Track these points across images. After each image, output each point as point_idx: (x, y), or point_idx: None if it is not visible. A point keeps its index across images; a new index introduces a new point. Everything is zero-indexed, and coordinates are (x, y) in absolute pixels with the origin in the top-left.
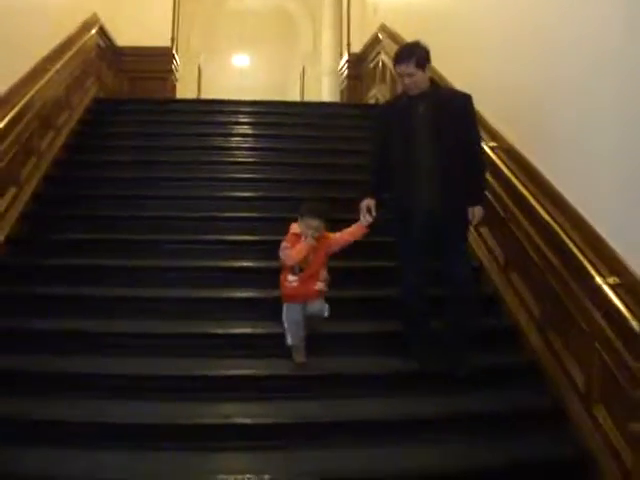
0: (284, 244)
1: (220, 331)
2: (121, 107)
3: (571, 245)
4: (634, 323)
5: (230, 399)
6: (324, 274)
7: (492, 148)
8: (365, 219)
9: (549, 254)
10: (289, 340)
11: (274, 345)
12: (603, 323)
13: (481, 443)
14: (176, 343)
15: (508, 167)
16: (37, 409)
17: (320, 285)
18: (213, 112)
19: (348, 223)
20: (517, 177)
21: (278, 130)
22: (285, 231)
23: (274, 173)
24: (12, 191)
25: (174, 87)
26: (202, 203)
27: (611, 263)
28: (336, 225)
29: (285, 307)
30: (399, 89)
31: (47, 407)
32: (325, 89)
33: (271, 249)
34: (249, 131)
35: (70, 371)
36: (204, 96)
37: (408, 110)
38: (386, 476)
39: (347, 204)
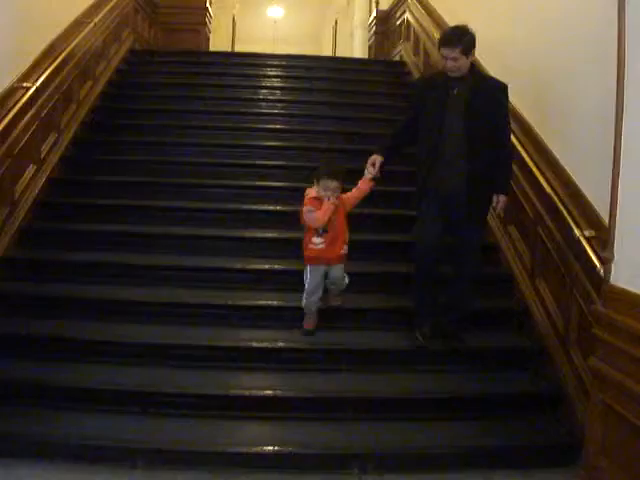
0: (307, 207)
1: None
2: (155, 58)
3: (557, 201)
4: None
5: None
6: (347, 235)
7: None
8: (368, 171)
9: (541, 209)
10: (304, 302)
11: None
12: (580, 272)
13: (475, 376)
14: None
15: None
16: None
17: (345, 248)
18: (245, 65)
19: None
20: (517, 137)
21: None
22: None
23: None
24: (53, 136)
25: (208, 39)
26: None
27: (590, 218)
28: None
29: (309, 269)
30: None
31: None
32: (357, 42)
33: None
34: (278, 84)
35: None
36: (238, 46)
37: (444, 89)
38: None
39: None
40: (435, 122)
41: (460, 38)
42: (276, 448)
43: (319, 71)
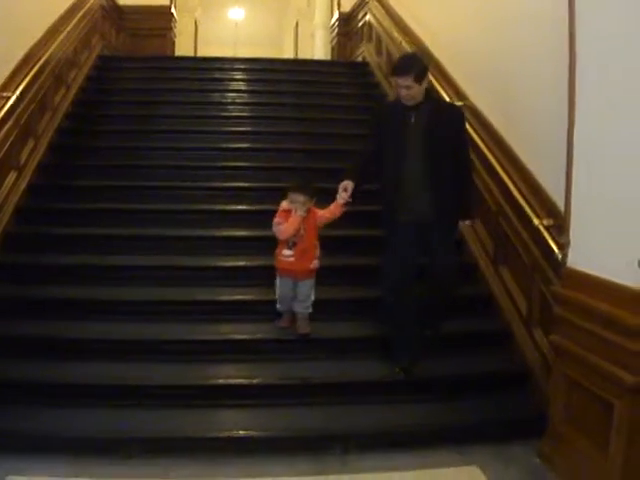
0: (276, 220)
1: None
2: (123, 64)
3: (517, 193)
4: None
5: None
6: (317, 251)
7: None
8: (341, 196)
9: (501, 200)
10: (278, 306)
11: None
12: (540, 257)
13: (446, 360)
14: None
15: (471, 124)
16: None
17: (315, 263)
18: (210, 69)
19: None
20: (477, 133)
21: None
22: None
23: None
24: (31, 143)
25: (173, 43)
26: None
27: (548, 208)
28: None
29: (277, 280)
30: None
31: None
32: (318, 44)
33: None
34: (243, 87)
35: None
36: (201, 47)
37: (401, 119)
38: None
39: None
40: (395, 153)
41: (411, 66)
42: (263, 433)
43: (282, 74)
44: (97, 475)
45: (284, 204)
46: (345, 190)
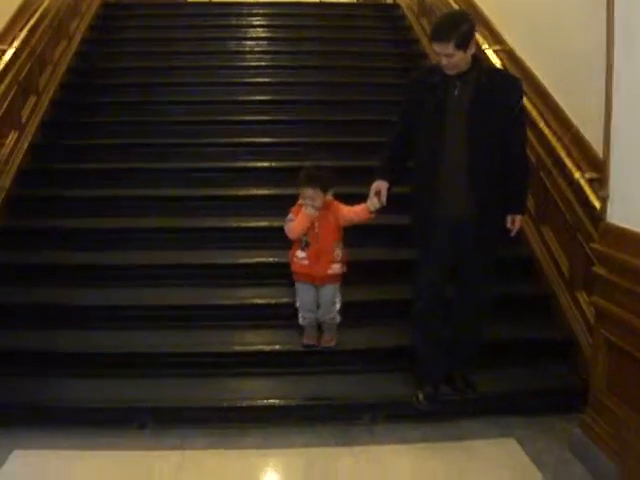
0: (289, 215)
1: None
2: (129, 12)
3: (557, 144)
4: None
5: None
6: (338, 253)
7: (495, 51)
8: (372, 202)
9: (541, 152)
10: (300, 319)
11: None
12: (582, 214)
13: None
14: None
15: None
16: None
17: (335, 268)
18: (226, 15)
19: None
20: None
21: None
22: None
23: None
24: (32, 100)
25: None
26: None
27: (591, 160)
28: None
29: (296, 285)
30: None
31: None
32: None
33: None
34: (262, 34)
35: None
36: None
37: (441, 91)
38: None
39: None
40: (432, 134)
41: (452, 31)
42: (284, 401)
43: (306, 19)
44: (109, 447)
45: (300, 197)
46: (377, 193)
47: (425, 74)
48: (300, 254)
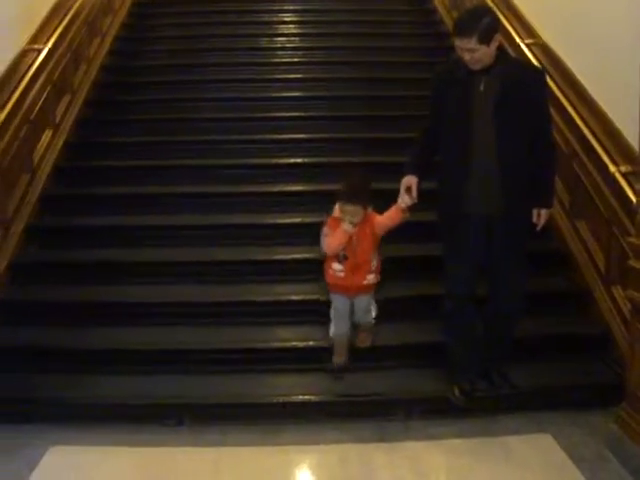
0: (325, 229)
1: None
2: (161, 9)
3: (591, 137)
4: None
5: None
6: (374, 263)
7: (528, 45)
8: (403, 200)
9: (576, 146)
10: (331, 331)
11: None
12: (618, 208)
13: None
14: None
15: (541, 63)
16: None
17: (370, 278)
18: (257, 12)
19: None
20: (548, 72)
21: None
22: None
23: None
24: (67, 98)
25: None
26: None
27: (626, 153)
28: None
29: (330, 296)
30: None
31: None
32: None
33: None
34: (294, 30)
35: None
36: None
37: (466, 86)
38: None
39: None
40: (458, 130)
41: (474, 25)
42: (320, 397)
43: (337, 14)
44: (147, 443)
45: (336, 210)
46: (408, 189)
47: (449, 68)
48: (337, 267)
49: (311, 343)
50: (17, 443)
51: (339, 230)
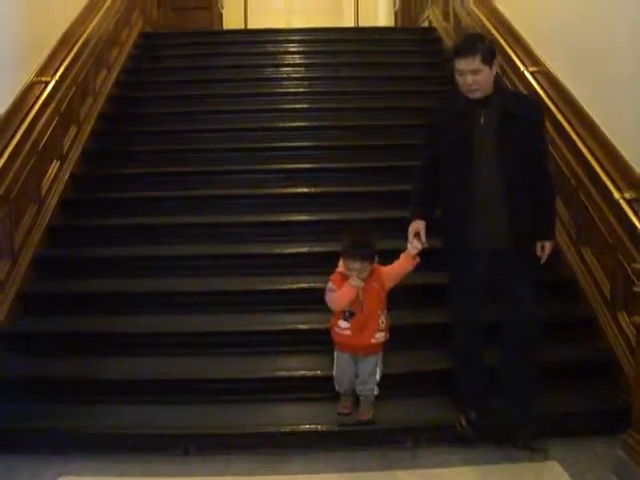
0: (329, 285)
1: None
2: (167, 41)
3: (595, 163)
4: None
5: None
6: (383, 320)
7: (532, 73)
8: (412, 246)
9: (580, 173)
10: (336, 387)
11: None
12: (623, 235)
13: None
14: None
15: (545, 91)
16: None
17: (379, 337)
18: (262, 42)
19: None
20: (552, 100)
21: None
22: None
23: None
24: (73, 130)
25: (220, 15)
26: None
27: (630, 179)
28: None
29: (335, 353)
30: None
31: None
32: (381, 9)
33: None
34: (299, 60)
35: None
36: (251, 19)
37: (466, 119)
38: None
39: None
40: (460, 164)
41: (477, 45)
42: (327, 426)
43: (340, 44)
44: (153, 473)
45: (341, 264)
46: (417, 236)
47: (449, 109)
48: (343, 324)
49: (319, 372)
50: (25, 473)
51: (347, 285)
